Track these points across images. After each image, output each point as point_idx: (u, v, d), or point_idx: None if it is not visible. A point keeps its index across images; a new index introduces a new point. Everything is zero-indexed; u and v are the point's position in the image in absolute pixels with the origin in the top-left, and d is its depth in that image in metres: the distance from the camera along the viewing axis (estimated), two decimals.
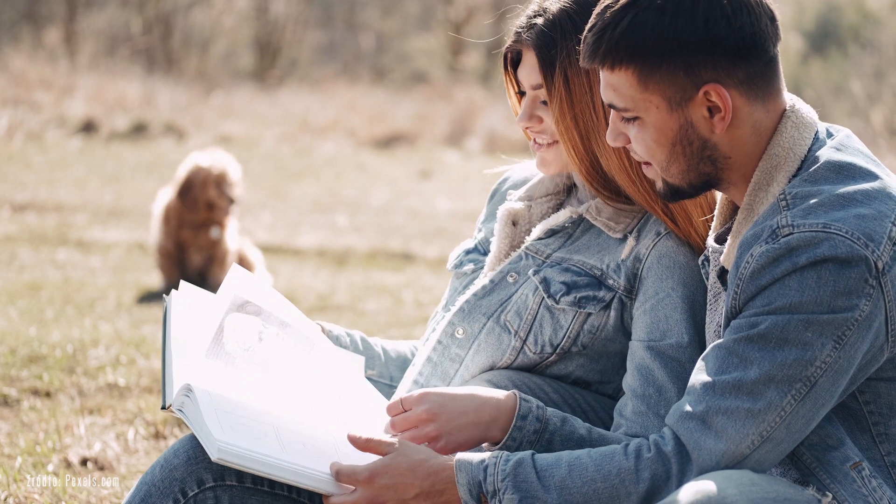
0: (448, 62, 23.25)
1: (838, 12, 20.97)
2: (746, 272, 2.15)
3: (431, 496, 2.23)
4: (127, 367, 4.98)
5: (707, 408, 2.13)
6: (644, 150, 2.27)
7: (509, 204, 2.70)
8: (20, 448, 3.99)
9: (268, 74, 22.19)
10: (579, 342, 2.51)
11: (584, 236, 2.59)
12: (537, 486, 2.17)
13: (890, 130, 13.70)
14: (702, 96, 2.20)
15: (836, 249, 2.09)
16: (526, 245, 2.62)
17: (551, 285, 2.53)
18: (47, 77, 17.60)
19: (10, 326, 5.88)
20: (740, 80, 2.20)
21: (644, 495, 2.14)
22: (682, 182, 2.29)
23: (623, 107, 2.25)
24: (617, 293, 2.50)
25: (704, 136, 2.23)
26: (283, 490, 2.45)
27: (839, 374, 2.12)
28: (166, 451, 2.47)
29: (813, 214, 2.13)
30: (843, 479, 2.18)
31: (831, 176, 2.19)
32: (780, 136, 2.24)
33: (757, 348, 2.11)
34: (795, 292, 2.10)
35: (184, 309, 2.48)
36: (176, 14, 23.38)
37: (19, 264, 8.29)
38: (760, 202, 2.24)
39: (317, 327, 2.70)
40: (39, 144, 14.96)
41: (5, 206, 10.72)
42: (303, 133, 17.12)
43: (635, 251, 2.51)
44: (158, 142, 15.77)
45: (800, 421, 2.12)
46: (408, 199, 12.17)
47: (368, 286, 7.86)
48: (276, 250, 9.25)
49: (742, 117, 2.23)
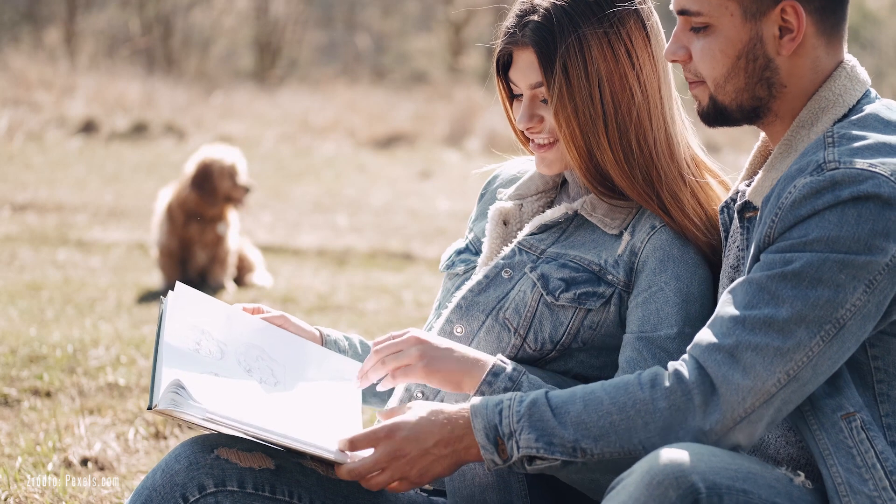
0: (448, 62, 23.25)
1: None
2: (787, 202, 2.14)
3: (452, 442, 2.22)
4: (127, 367, 4.98)
5: (737, 342, 2.11)
6: (708, 60, 2.26)
7: (500, 203, 2.69)
8: (20, 448, 3.99)
9: (268, 74, 22.19)
10: (580, 338, 2.50)
11: (578, 232, 2.58)
12: (553, 423, 2.16)
13: None
14: (778, 12, 2.22)
15: (880, 188, 2.09)
16: (518, 240, 2.60)
17: (550, 282, 2.52)
18: (47, 77, 17.60)
19: (10, 326, 5.88)
20: (816, 7, 2.22)
21: (662, 426, 2.12)
22: (732, 102, 2.28)
23: (697, 10, 2.25)
24: (616, 288, 2.49)
25: (769, 56, 2.24)
26: (284, 496, 2.43)
27: (867, 319, 2.11)
28: (167, 455, 2.45)
29: (860, 154, 2.14)
30: (830, 427, 2.17)
31: (879, 126, 2.20)
32: (833, 82, 2.25)
33: (790, 286, 2.11)
34: (834, 226, 2.09)
35: (179, 311, 2.46)
36: (176, 14, 23.37)
37: (19, 264, 8.29)
38: (801, 140, 2.25)
39: (315, 332, 2.69)
40: (39, 144, 14.96)
41: (5, 206, 10.72)
42: (303, 133, 17.13)
43: (630, 245, 2.50)
44: (158, 142, 15.77)
45: (826, 363, 2.12)
46: (408, 199, 12.17)
47: (368, 286, 7.86)
48: (276, 250, 9.25)
49: (807, 48, 2.24)
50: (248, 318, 2.59)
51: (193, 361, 2.38)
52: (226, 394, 2.34)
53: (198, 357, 2.40)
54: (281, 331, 2.61)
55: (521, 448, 2.16)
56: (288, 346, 2.58)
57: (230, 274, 7.73)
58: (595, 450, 2.14)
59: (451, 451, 2.22)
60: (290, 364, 2.54)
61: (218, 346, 2.47)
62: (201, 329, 2.46)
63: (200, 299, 2.53)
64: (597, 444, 2.14)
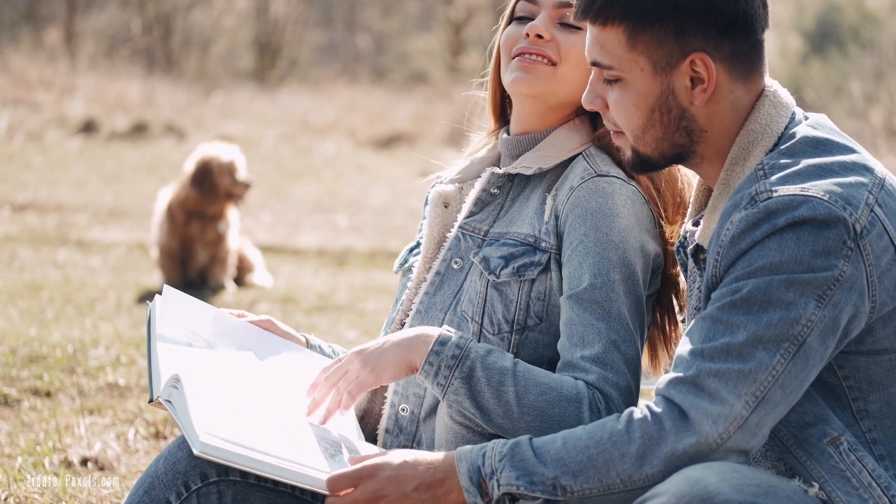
0: (448, 62, 23.25)
1: (838, 12, 20.96)
2: (726, 239, 2.16)
3: (432, 486, 2.22)
4: (127, 367, 4.99)
5: (697, 372, 2.12)
6: (622, 113, 2.28)
7: (440, 186, 2.68)
8: (20, 448, 3.99)
9: (268, 74, 22.20)
10: (532, 312, 2.49)
11: (516, 204, 2.57)
12: (534, 461, 2.17)
13: (889, 131, 13.71)
14: (687, 65, 2.23)
15: (814, 211, 2.10)
16: (459, 223, 2.60)
17: (490, 262, 2.51)
18: (47, 77, 17.61)
19: (10, 326, 5.89)
20: (726, 55, 2.23)
21: (636, 455, 2.13)
22: (654, 151, 2.30)
23: (608, 64, 2.26)
24: (550, 253, 2.48)
25: (683, 106, 2.25)
26: (286, 487, 2.44)
27: (826, 334, 2.12)
28: (171, 443, 2.46)
29: (791, 180, 2.15)
30: (819, 455, 2.19)
31: (808, 150, 2.21)
32: (758, 114, 2.26)
33: (741, 312, 2.12)
34: (775, 253, 2.11)
35: (168, 313, 2.47)
36: (176, 14, 23.38)
37: (19, 264, 8.29)
38: (737, 176, 2.26)
39: (301, 338, 2.68)
40: (39, 144, 14.96)
41: (5, 206, 10.73)
42: (303, 133, 17.14)
43: (554, 209, 2.50)
44: (158, 142, 15.77)
45: (794, 381, 2.12)
46: (408, 199, 12.18)
47: (368, 286, 7.87)
48: (276, 250, 9.25)
49: (722, 93, 2.25)
50: (236, 320, 2.60)
51: (186, 353, 2.40)
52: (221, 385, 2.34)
53: (190, 350, 2.42)
54: (268, 334, 2.62)
55: (502, 486, 2.17)
56: (275, 348, 2.59)
57: (230, 274, 7.73)
58: (575, 486, 2.15)
59: (430, 495, 2.22)
60: (279, 367, 2.55)
61: (208, 345, 2.48)
62: (191, 330, 2.48)
63: (188, 301, 2.54)
64: (576, 480, 2.15)
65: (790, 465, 2.24)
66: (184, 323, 2.47)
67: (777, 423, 2.20)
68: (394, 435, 2.58)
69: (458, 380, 2.34)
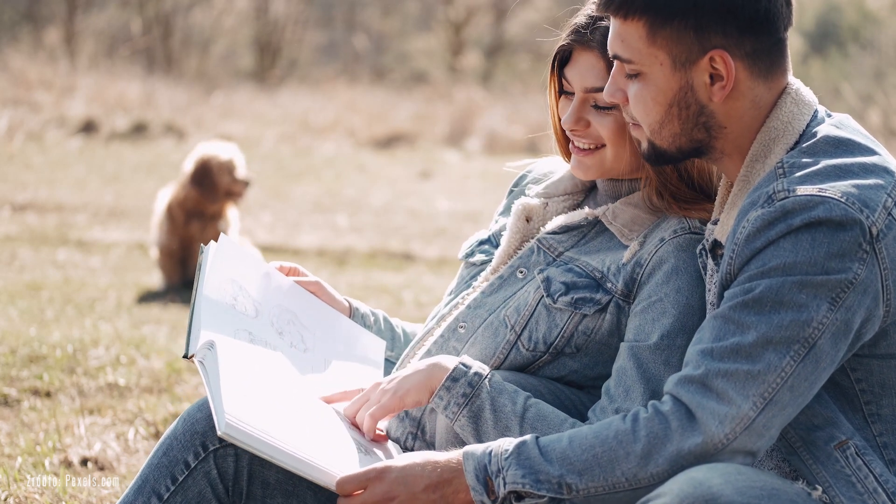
0: (448, 62, 23.25)
1: (838, 12, 20.97)
2: (742, 236, 2.16)
3: (440, 486, 2.24)
4: (127, 367, 4.99)
5: (706, 371, 2.13)
6: (641, 107, 2.28)
7: (525, 199, 2.70)
8: (20, 448, 3.99)
9: (268, 74, 22.19)
10: (573, 343, 2.51)
11: (597, 239, 2.58)
12: (539, 460, 2.18)
13: (888, 131, 13.70)
14: (706, 61, 2.23)
15: (830, 212, 2.10)
16: (538, 237, 2.61)
17: (552, 284, 2.53)
18: (47, 77, 17.60)
19: (10, 326, 5.88)
20: (746, 52, 2.23)
21: (641, 454, 2.14)
22: (670, 146, 2.30)
23: (628, 58, 2.26)
24: (614, 297, 2.49)
25: (702, 102, 2.26)
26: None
27: (838, 337, 2.12)
28: (190, 406, 2.48)
29: (809, 181, 2.15)
30: (825, 459, 2.19)
31: (829, 149, 2.21)
32: (779, 111, 2.26)
33: (753, 312, 2.12)
34: (789, 253, 2.11)
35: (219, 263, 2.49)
36: (176, 14, 23.38)
37: (19, 264, 8.29)
38: (757, 174, 2.26)
39: (345, 304, 2.75)
40: (39, 144, 14.96)
41: (5, 206, 10.72)
42: (303, 133, 17.13)
43: (637, 256, 2.50)
44: (158, 142, 15.77)
45: (803, 383, 2.12)
46: (408, 199, 12.17)
47: (368, 286, 7.86)
48: (276, 250, 9.25)
49: (742, 90, 2.25)
50: (284, 279, 2.65)
51: (229, 316, 2.42)
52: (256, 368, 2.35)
53: (234, 312, 2.44)
54: (313, 298, 2.68)
55: (508, 484, 2.19)
56: (320, 314, 2.64)
57: None
58: (580, 485, 2.16)
59: (439, 495, 2.24)
60: (320, 333, 2.59)
61: (253, 305, 2.51)
62: (239, 284, 2.50)
63: (241, 253, 2.58)
64: (581, 478, 2.16)
65: (795, 466, 2.23)
66: (233, 275, 2.50)
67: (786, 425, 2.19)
68: (399, 419, 2.60)
69: (465, 417, 2.37)
